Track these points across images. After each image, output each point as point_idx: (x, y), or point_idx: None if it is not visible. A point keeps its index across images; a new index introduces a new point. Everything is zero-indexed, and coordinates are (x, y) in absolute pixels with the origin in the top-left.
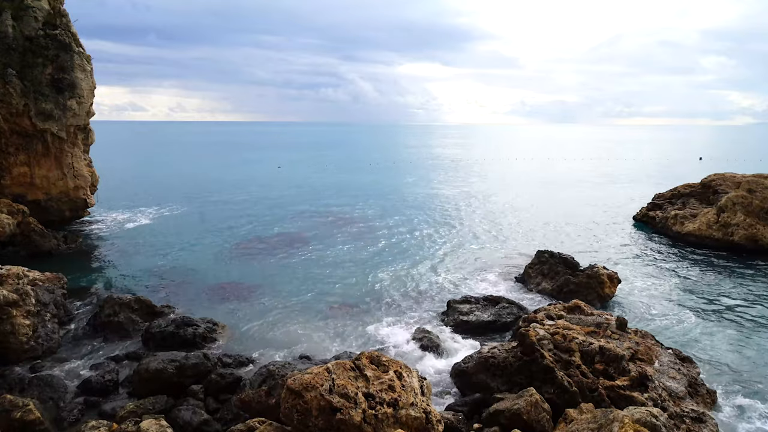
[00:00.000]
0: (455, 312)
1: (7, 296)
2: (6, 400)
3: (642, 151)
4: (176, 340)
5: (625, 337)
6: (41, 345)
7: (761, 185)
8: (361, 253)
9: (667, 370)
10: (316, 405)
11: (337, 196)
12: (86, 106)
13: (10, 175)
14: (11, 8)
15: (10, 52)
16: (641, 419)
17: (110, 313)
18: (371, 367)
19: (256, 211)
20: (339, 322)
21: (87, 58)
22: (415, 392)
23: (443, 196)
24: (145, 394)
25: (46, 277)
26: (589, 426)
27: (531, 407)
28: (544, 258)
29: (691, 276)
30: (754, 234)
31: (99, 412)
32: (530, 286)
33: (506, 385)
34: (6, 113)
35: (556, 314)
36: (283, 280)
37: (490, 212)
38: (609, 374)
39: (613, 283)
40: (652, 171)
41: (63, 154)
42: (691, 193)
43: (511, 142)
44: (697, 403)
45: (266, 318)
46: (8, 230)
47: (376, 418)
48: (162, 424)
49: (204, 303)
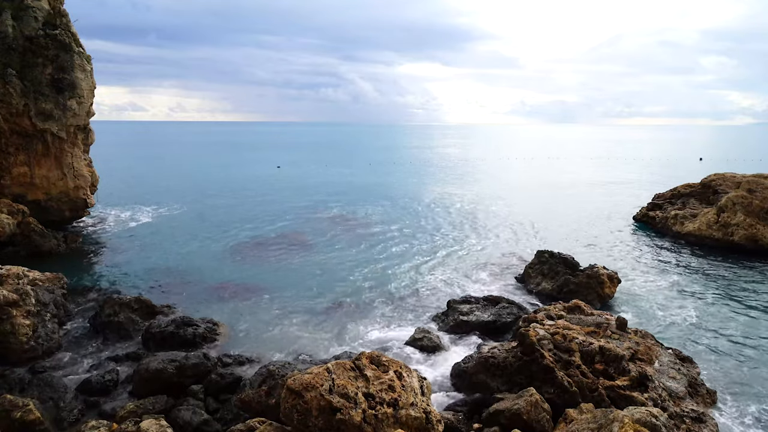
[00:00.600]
0: (455, 312)
1: (7, 296)
2: (6, 400)
3: (642, 151)
4: (176, 340)
5: (625, 337)
6: (41, 345)
7: (761, 185)
8: (361, 253)
9: (667, 370)
10: (316, 405)
11: (337, 196)
12: (86, 106)
13: (10, 175)
14: (11, 8)
15: (10, 52)
16: (641, 419)
17: (110, 313)
18: (371, 367)
19: (256, 211)
20: (339, 322)
21: (87, 58)
22: (415, 392)
23: (443, 196)
24: (145, 394)
25: (46, 277)
26: (589, 426)
27: (531, 407)
28: (544, 258)
29: (691, 276)
30: (754, 234)
31: (99, 412)
32: (530, 286)
33: (506, 385)
34: (6, 113)
35: (556, 314)
36: (283, 280)
37: (490, 212)
38: (609, 374)
39: (613, 283)
40: (652, 171)
41: (63, 154)
42: (691, 193)
43: (511, 142)
44: (697, 403)
45: (266, 318)
46: (8, 230)
47: (376, 418)
48: (162, 424)
49: (204, 303)
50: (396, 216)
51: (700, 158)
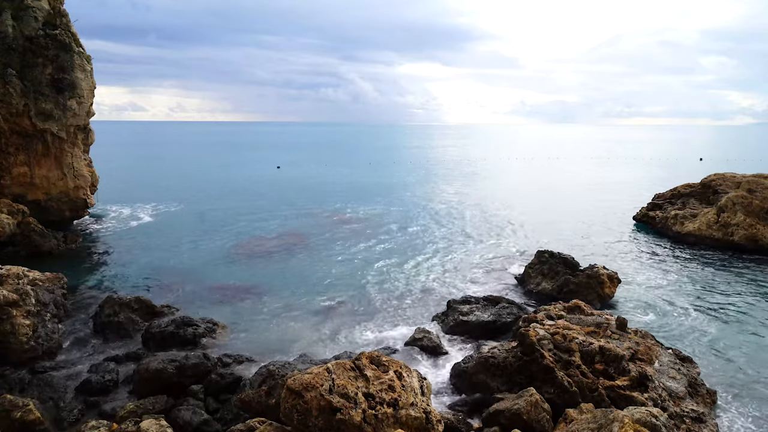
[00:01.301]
0: (455, 312)
1: (7, 296)
2: (6, 400)
3: (642, 151)
4: (176, 340)
5: (625, 337)
6: (41, 345)
7: (761, 185)
8: (361, 253)
9: (667, 370)
10: (316, 405)
11: (337, 196)
12: (86, 106)
13: (10, 175)
14: (11, 8)
15: (10, 52)
16: (641, 419)
17: (110, 313)
18: (371, 367)
19: (256, 211)
20: (339, 322)
21: (87, 58)
22: (415, 392)
23: (443, 196)
24: (145, 394)
25: (46, 277)
26: (589, 426)
27: (531, 407)
28: (544, 258)
29: (691, 276)
30: (754, 234)
31: (99, 412)
32: (530, 286)
33: (506, 385)
34: (6, 113)
35: (556, 314)
36: (282, 280)
37: (490, 212)
38: (609, 374)
39: (613, 283)
40: (652, 171)
41: (63, 154)
42: (691, 193)
43: (511, 142)
44: (697, 403)
45: (266, 318)
46: (8, 230)
47: (376, 418)
48: (162, 424)
49: (204, 303)
50: (396, 216)
51: (701, 158)
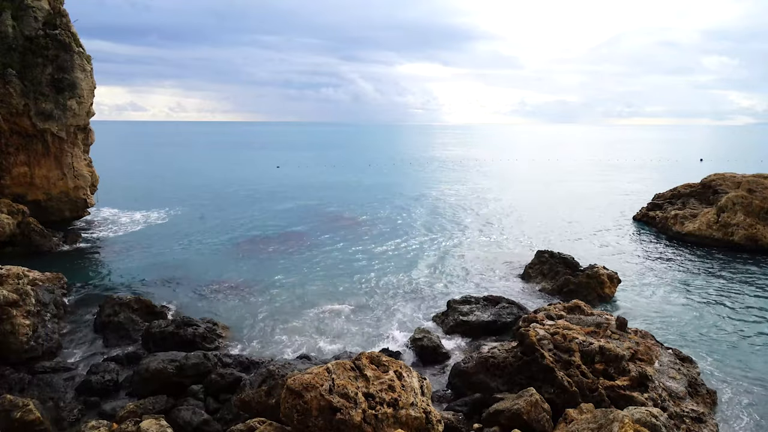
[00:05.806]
0: (455, 312)
1: (7, 296)
2: (6, 400)
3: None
4: (176, 340)
5: (625, 337)
6: (41, 345)
7: (761, 185)
8: (361, 253)
9: (667, 370)
10: (316, 405)
11: (337, 196)
12: (86, 106)
13: (10, 175)
14: (11, 8)
15: (10, 52)
16: (641, 419)
17: (110, 313)
18: (371, 367)
19: (256, 211)
20: (339, 322)
21: (87, 58)
22: (415, 392)
23: (443, 196)
24: (145, 394)
25: (46, 277)
26: (589, 426)
27: (531, 407)
28: (544, 258)
29: (691, 276)
30: (754, 234)
31: (99, 412)
32: (530, 285)
33: (506, 385)
34: (6, 113)
35: (556, 314)
36: (283, 280)
37: (490, 212)
38: (609, 374)
39: (613, 283)
40: (653, 171)
41: (63, 154)
42: (691, 193)
43: (512, 142)
44: (697, 403)
45: (266, 318)
46: (8, 230)
47: (376, 418)
48: (162, 424)
49: (204, 303)
50: (396, 216)
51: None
